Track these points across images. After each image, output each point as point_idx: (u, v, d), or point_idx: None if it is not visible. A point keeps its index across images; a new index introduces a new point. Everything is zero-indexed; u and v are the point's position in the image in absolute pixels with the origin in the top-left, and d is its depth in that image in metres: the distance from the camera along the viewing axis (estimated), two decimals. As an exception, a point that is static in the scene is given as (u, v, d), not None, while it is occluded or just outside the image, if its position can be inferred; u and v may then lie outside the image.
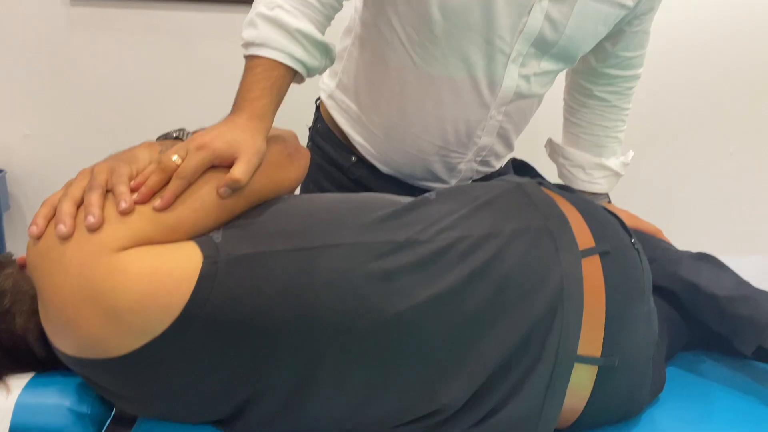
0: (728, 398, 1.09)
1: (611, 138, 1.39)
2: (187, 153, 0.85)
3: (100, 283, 0.77)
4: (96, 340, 0.78)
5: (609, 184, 1.41)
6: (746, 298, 1.07)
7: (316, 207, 0.93)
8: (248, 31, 1.04)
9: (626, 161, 1.43)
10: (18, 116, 1.89)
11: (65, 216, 0.79)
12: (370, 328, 0.84)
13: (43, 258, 0.80)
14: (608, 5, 1.14)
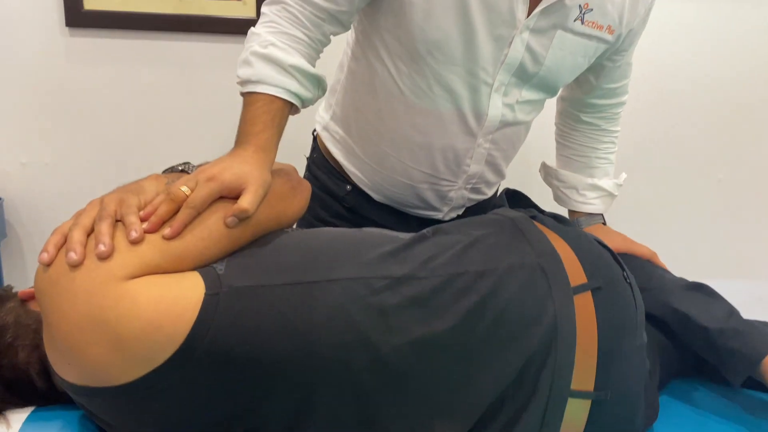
0: (721, 427, 1.09)
1: (602, 159, 1.42)
2: (197, 184, 0.87)
3: (107, 310, 0.78)
4: (101, 367, 0.78)
5: (604, 205, 1.42)
6: (736, 331, 1.08)
7: (316, 242, 0.94)
8: (244, 69, 1.07)
9: (619, 182, 1.44)
10: (15, 144, 1.88)
11: (76, 244, 0.80)
12: (367, 363, 0.84)
13: (52, 285, 0.81)
14: (587, 39, 1.17)
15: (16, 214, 1.91)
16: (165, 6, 1.82)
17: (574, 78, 1.26)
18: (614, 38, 1.20)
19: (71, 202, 1.82)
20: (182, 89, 1.90)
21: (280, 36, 1.07)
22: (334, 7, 1.09)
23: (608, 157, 1.42)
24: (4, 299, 0.94)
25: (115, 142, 1.91)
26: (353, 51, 1.27)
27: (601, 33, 1.17)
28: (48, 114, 1.87)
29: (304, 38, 1.09)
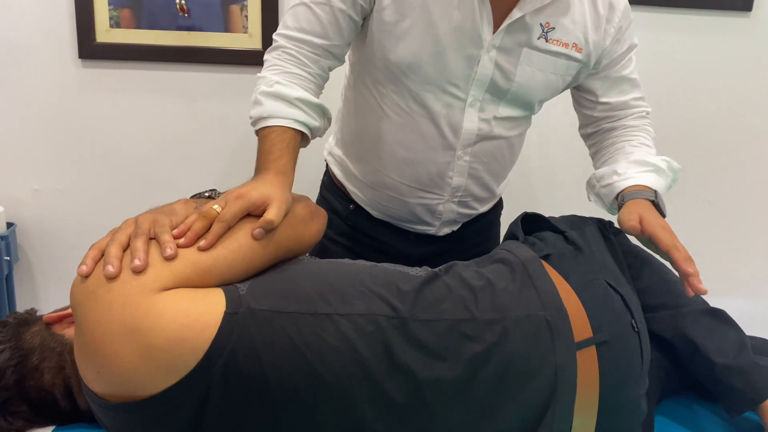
0: None
1: (639, 146, 1.29)
2: (226, 202, 0.93)
3: (139, 320, 0.81)
4: (129, 375, 0.82)
5: (652, 180, 1.22)
6: (741, 370, 1.07)
7: (332, 274, 0.97)
8: (255, 109, 1.15)
9: (671, 161, 1.26)
10: (28, 172, 1.90)
11: (113, 258, 0.84)
12: (370, 396, 0.87)
13: (89, 295, 0.84)
14: (554, 56, 1.21)
15: (28, 238, 1.92)
16: (173, 38, 1.84)
17: (550, 95, 1.29)
18: (584, 57, 1.24)
19: (82, 227, 1.88)
20: (189, 118, 1.92)
21: (283, 75, 1.16)
22: (327, 43, 1.18)
23: (646, 143, 1.30)
24: (30, 323, 0.97)
25: (124, 169, 1.92)
26: (347, 81, 1.36)
27: (567, 50, 1.22)
28: (60, 141, 1.88)
29: (305, 75, 1.18)
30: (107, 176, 1.92)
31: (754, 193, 2.15)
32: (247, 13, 1.85)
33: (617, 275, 1.04)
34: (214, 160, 1.93)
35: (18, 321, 0.98)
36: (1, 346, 0.92)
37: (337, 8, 1.16)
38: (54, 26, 1.81)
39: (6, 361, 0.90)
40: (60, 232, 1.93)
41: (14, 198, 1.88)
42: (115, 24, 1.82)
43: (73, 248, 1.90)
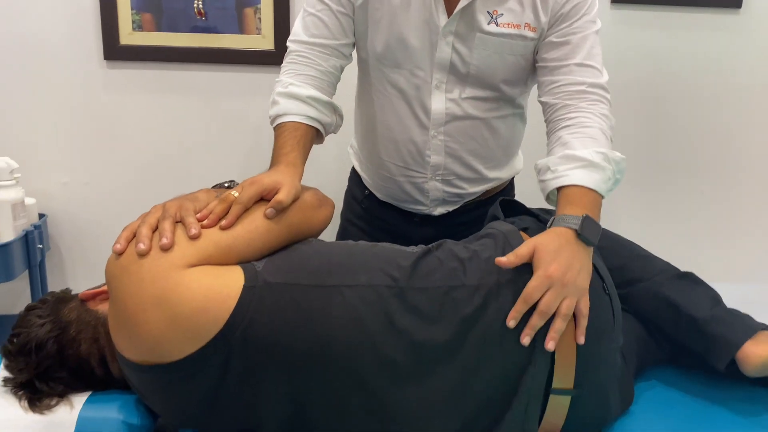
0: (689, 409, 1.17)
1: (578, 134, 1.16)
2: (243, 188, 1.02)
3: (168, 293, 0.90)
4: (158, 342, 0.90)
5: (584, 176, 1.10)
6: (720, 319, 1.16)
7: (338, 253, 1.05)
8: (272, 108, 1.26)
9: (609, 153, 1.13)
10: (57, 166, 1.95)
11: (144, 238, 0.94)
12: (374, 357, 0.94)
13: (123, 270, 0.93)
14: (508, 38, 1.26)
15: (58, 228, 1.98)
16: (191, 40, 1.90)
17: (516, 75, 1.31)
18: (538, 34, 1.26)
19: (107, 217, 1.97)
20: (207, 115, 1.96)
21: (297, 77, 1.27)
22: (334, 42, 1.30)
23: (588, 126, 1.16)
24: (66, 300, 1.05)
25: (146, 163, 1.97)
26: (358, 79, 1.46)
27: (520, 31, 1.25)
28: (87, 138, 1.94)
29: (317, 74, 1.29)
30: (131, 170, 1.97)
31: (745, 183, 2.18)
32: (260, 16, 1.90)
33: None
34: (231, 154, 1.97)
35: (56, 298, 1.06)
36: (42, 320, 1.00)
37: (336, 10, 1.28)
38: (81, 30, 1.86)
39: (47, 333, 0.98)
40: (87, 222, 1.98)
41: (45, 191, 1.94)
42: (138, 27, 1.87)
43: (99, 237, 1.97)
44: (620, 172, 1.16)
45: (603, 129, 1.17)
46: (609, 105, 1.21)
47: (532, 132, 1.51)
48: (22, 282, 1.90)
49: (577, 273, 0.97)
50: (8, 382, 1.00)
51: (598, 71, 1.22)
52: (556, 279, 0.94)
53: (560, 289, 0.94)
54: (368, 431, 0.97)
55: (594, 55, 1.23)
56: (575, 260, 0.98)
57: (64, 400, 0.99)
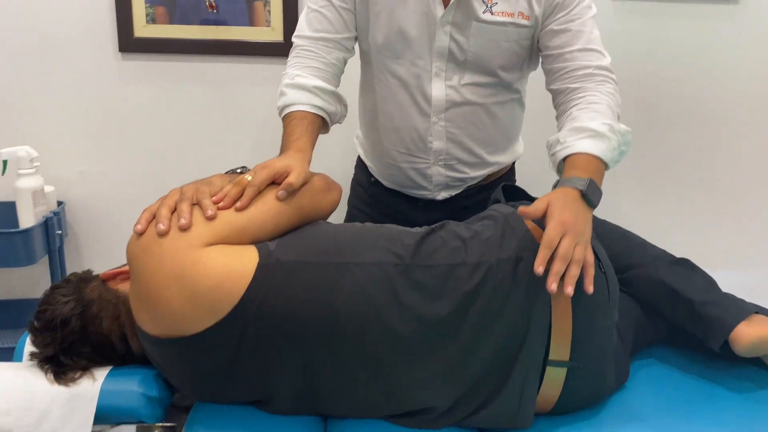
0: (682, 384, 1.22)
1: (585, 109, 1.21)
2: (255, 172, 1.06)
3: (186, 270, 0.94)
4: (177, 317, 0.95)
5: (586, 145, 1.14)
6: (715, 302, 1.20)
7: (346, 233, 1.09)
8: (280, 99, 1.31)
9: (614, 125, 1.17)
10: (74, 155, 1.97)
11: (163, 218, 0.98)
12: (380, 331, 0.99)
13: (144, 249, 0.98)
14: (502, 26, 1.30)
15: (75, 215, 2.01)
16: (203, 33, 1.93)
17: (512, 61, 1.35)
18: (532, 22, 1.31)
19: (122, 204, 2.01)
20: (218, 105, 1.99)
21: (302, 69, 1.32)
22: (337, 36, 1.34)
23: (595, 102, 1.21)
24: (88, 280, 1.10)
25: (160, 152, 2.00)
26: (361, 71, 1.50)
27: (514, 19, 1.29)
28: (103, 128, 1.97)
29: (321, 66, 1.33)
30: (145, 159, 2.00)
31: (743, 169, 2.20)
32: (269, 8, 1.93)
33: None
34: (241, 142, 2.00)
35: (78, 278, 1.10)
36: (66, 298, 1.05)
37: (337, 5, 1.33)
38: (96, 23, 1.89)
39: (71, 310, 1.03)
40: (103, 209, 2.01)
41: (63, 179, 1.97)
42: (151, 20, 1.91)
43: (114, 223, 2.02)
44: (626, 144, 1.19)
45: (610, 105, 1.21)
46: (615, 84, 1.26)
47: (533, 119, 1.54)
48: (42, 267, 1.94)
49: (584, 225, 1.00)
50: (35, 357, 1.05)
51: (601, 54, 1.28)
52: (570, 225, 0.97)
53: (574, 235, 0.97)
54: (374, 400, 1.02)
55: (594, 39, 1.28)
56: (581, 215, 1.02)
57: (87, 373, 1.04)
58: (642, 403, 1.15)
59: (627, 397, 1.17)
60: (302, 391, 1.01)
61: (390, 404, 1.02)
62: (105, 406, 1.02)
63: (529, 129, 1.56)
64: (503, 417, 1.03)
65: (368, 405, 1.03)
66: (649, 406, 1.15)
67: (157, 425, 1.05)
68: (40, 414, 1.00)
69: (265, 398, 1.04)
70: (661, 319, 1.31)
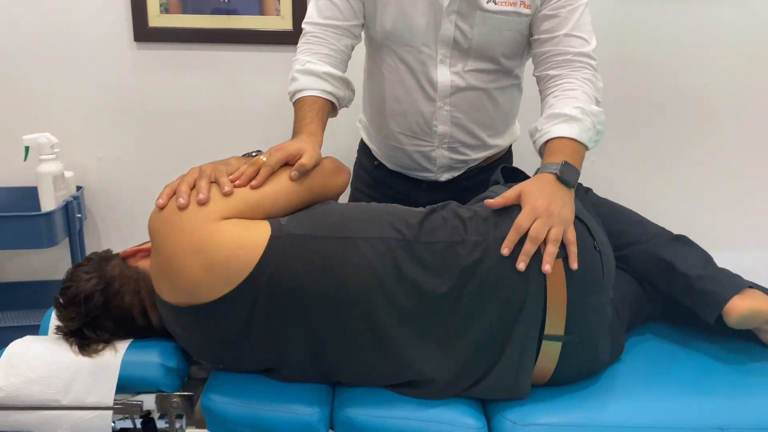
0: (678, 359, 1.25)
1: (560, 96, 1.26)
2: (270, 153, 1.11)
3: (204, 241, 0.99)
4: (195, 285, 1.00)
5: (561, 130, 1.20)
6: (711, 276, 1.24)
7: (353, 210, 1.14)
8: (291, 84, 1.35)
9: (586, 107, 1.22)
10: (92, 142, 2.02)
11: (183, 194, 1.03)
12: (383, 301, 1.03)
13: (164, 223, 1.03)
14: (505, 15, 1.33)
15: (94, 200, 2.06)
16: (215, 22, 1.96)
17: (514, 49, 1.39)
18: (532, 11, 1.34)
19: (138, 188, 2.06)
20: (229, 92, 2.02)
21: (312, 55, 1.36)
22: (345, 23, 1.38)
23: (571, 89, 1.26)
24: (109, 258, 1.15)
25: (174, 139, 2.04)
26: (366, 57, 1.54)
27: (516, 8, 1.33)
28: (119, 115, 2.00)
29: (330, 53, 1.37)
30: (160, 145, 2.04)
31: (743, 154, 2.20)
32: (279, -2, 1.95)
33: (582, 210, 1.16)
34: (252, 128, 2.03)
35: (99, 257, 1.15)
36: (89, 275, 1.09)
37: None
38: (112, 14, 1.93)
39: (94, 286, 1.08)
40: (120, 193, 2.06)
41: (81, 165, 2.02)
42: (165, 10, 1.94)
43: (130, 207, 2.06)
44: (601, 123, 1.24)
45: (586, 91, 1.26)
46: (593, 70, 1.30)
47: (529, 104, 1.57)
48: (63, 250, 2.00)
49: (560, 207, 1.06)
50: (60, 330, 1.10)
51: (585, 40, 1.30)
52: (542, 211, 1.05)
53: (546, 218, 1.04)
54: (378, 369, 1.06)
55: (581, 25, 1.31)
56: (557, 197, 1.08)
57: (109, 345, 1.09)
58: (636, 376, 1.18)
59: (622, 370, 1.20)
60: (310, 358, 1.06)
61: (393, 373, 1.07)
62: (126, 377, 1.07)
63: (525, 113, 1.59)
64: (502, 388, 1.07)
65: (373, 373, 1.07)
66: (643, 378, 1.18)
67: (175, 394, 1.09)
68: (65, 383, 1.05)
69: (275, 365, 1.08)
70: (659, 295, 1.34)
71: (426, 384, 1.06)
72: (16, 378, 1.05)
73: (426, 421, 1.05)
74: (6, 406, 1.05)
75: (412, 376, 1.06)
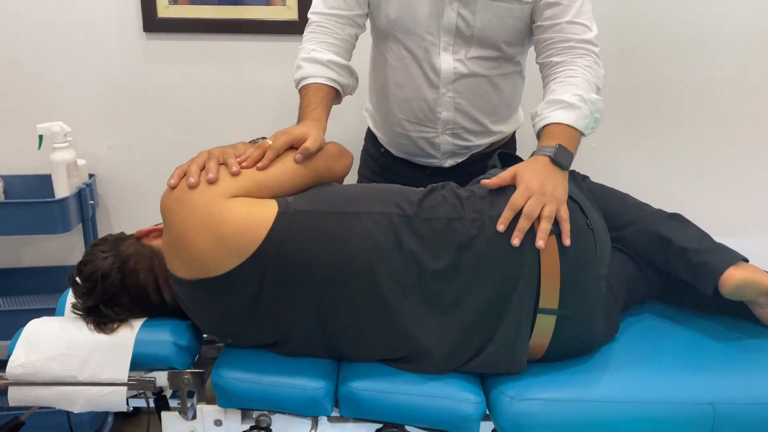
0: (673, 336, 1.28)
1: (561, 82, 1.29)
2: (276, 137, 1.15)
3: (214, 216, 1.04)
4: (206, 259, 1.04)
5: (559, 116, 1.24)
6: (707, 249, 1.27)
7: (356, 189, 1.19)
8: (297, 72, 1.39)
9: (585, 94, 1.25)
10: (103, 131, 2.04)
11: (194, 174, 1.08)
12: (385, 273, 1.07)
13: (176, 201, 1.07)
14: (506, 3, 1.36)
15: (105, 187, 2.09)
16: (222, 12, 1.98)
17: (516, 36, 1.42)
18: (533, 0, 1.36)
19: (148, 177, 2.09)
20: (236, 81, 2.04)
21: (317, 44, 1.39)
22: (350, 13, 1.41)
23: (572, 76, 1.29)
24: (123, 238, 1.19)
25: (183, 127, 2.07)
26: (372, 45, 1.57)
27: None
28: (130, 105, 2.03)
29: (334, 42, 1.40)
30: (169, 134, 2.07)
31: (746, 141, 2.21)
32: (284, -12, 1.97)
33: (576, 191, 1.20)
34: (258, 116, 2.06)
35: (115, 238, 1.19)
36: (105, 254, 1.13)
37: None
38: (121, 5, 1.95)
39: (111, 265, 1.12)
40: (131, 181, 2.09)
41: (93, 153, 2.05)
42: (173, 1, 1.96)
43: (140, 194, 2.09)
44: (598, 111, 1.27)
45: (586, 78, 1.29)
46: (595, 57, 1.33)
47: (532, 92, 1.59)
48: (75, 236, 2.03)
49: (553, 187, 1.11)
50: (77, 308, 1.14)
51: (587, 27, 1.33)
52: (536, 190, 1.09)
53: (540, 197, 1.08)
54: (380, 341, 1.10)
55: (583, 13, 1.33)
56: (550, 178, 1.12)
57: (124, 324, 1.13)
58: (631, 353, 1.21)
59: (616, 347, 1.23)
60: (316, 330, 1.10)
61: (394, 346, 1.10)
62: (140, 354, 1.10)
63: (529, 101, 1.60)
64: (499, 361, 1.10)
65: (375, 345, 1.11)
66: (637, 355, 1.21)
67: (187, 371, 1.13)
68: (82, 361, 1.09)
69: (282, 338, 1.12)
70: (656, 275, 1.36)
71: (423, 357, 1.10)
72: (35, 355, 1.09)
73: (427, 396, 1.09)
74: (26, 382, 1.09)
75: (411, 349, 1.10)
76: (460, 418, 1.08)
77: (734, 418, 1.08)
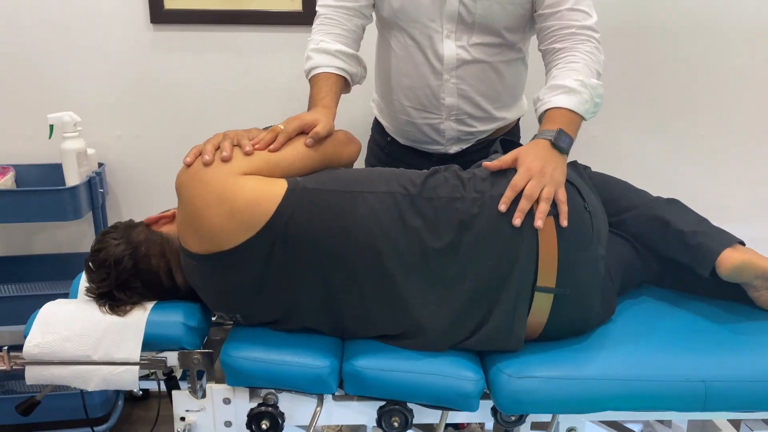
0: (669, 318, 1.31)
1: (563, 68, 1.31)
2: (287, 122, 1.19)
3: (227, 192, 1.08)
4: (218, 232, 1.08)
5: (560, 101, 1.26)
6: (705, 232, 1.30)
7: (362, 172, 1.23)
8: (307, 63, 1.42)
9: (586, 80, 1.27)
10: (112, 121, 2.07)
11: (208, 152, 1.12)
12: (389, 250, 1.11)
13: (191, 178, 1.12)
14: None
15: (114, 176, 2.13)
16: (228, 3, 2.00)
17: (517, 23, 1.44)
18: None
19: (156, 165, 2.13)
20: (242, 71, 2.07)
21: (325, 35, 1.43)
22: (356, 4, 1.44)
23: (573, 62, 1.31)
24: (134, 225, 1.22)
25: (190, 118, 2.09)
26: (377, 35, 1.59)
27: None
28: (138, 95, 2.06)
29: (342, 32, 1.44)
30: (177, 124, 2.09)
31: (743, 127, 2.23)
32: (289, -20, 1.98)
33: (574, 176, 1.23)
34: (265, 106, 2.09)
35: (125, 225, 1.22)
36: (117, 241, 1.17)
37: None
38: None
39: (123, 251, 1.15)
40: (140, 170, 2.12)
41: (102, 142, 2.08)
42: None
43: (149, 183, 2.12)
44: (598, 96, 1.30)
45: (587, 63, 1.31)
46: (596, 43, 1.35)
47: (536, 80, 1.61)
48: (85, 224, 2.07)
49: (553, 169, 1.14)
50: (91, 292, 1.18)
51: (587, 14, 1.36)
52: (536, 172, 1.13)
53: (540, 179, 1.12)
54: (382, 315, 1.14)
55: (583, 0, 1.36)
56: (551, 161, 1.16)
57: (136, 306, 1.16)
58: (626, 333, 1.24)
59: (612, 328, 1.26)
60: (323, 305, 1.14)
61: (395, 321, 1.14)
62: (151, 335, 1.14)
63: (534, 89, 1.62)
64: (498, 338, 1.13)
65: (377, 319, 1.15)
66: (633, 335, 1.24)
67: (196, 351, 1.16)
68: (96, 341, 1.13)
69: (288, 312, 1.16)
70: (654, 260, 1.39)
71: (422, 333, 1.13)
72: (51, 336, 1.13)
73: (428, 374, 1.12)
74: (43, 362, 1.13)
75: (411, 325, 1.13)
76: (460, 395, 1.11)
77: (725, 395, 1.11)
